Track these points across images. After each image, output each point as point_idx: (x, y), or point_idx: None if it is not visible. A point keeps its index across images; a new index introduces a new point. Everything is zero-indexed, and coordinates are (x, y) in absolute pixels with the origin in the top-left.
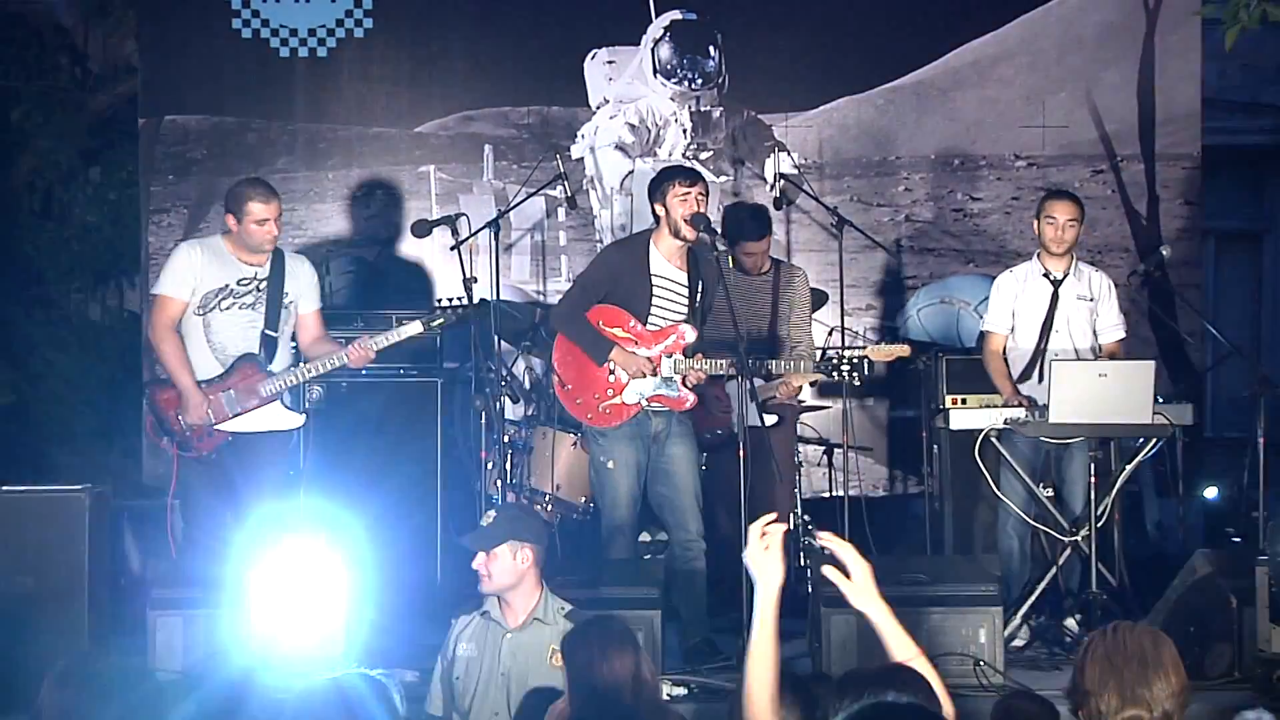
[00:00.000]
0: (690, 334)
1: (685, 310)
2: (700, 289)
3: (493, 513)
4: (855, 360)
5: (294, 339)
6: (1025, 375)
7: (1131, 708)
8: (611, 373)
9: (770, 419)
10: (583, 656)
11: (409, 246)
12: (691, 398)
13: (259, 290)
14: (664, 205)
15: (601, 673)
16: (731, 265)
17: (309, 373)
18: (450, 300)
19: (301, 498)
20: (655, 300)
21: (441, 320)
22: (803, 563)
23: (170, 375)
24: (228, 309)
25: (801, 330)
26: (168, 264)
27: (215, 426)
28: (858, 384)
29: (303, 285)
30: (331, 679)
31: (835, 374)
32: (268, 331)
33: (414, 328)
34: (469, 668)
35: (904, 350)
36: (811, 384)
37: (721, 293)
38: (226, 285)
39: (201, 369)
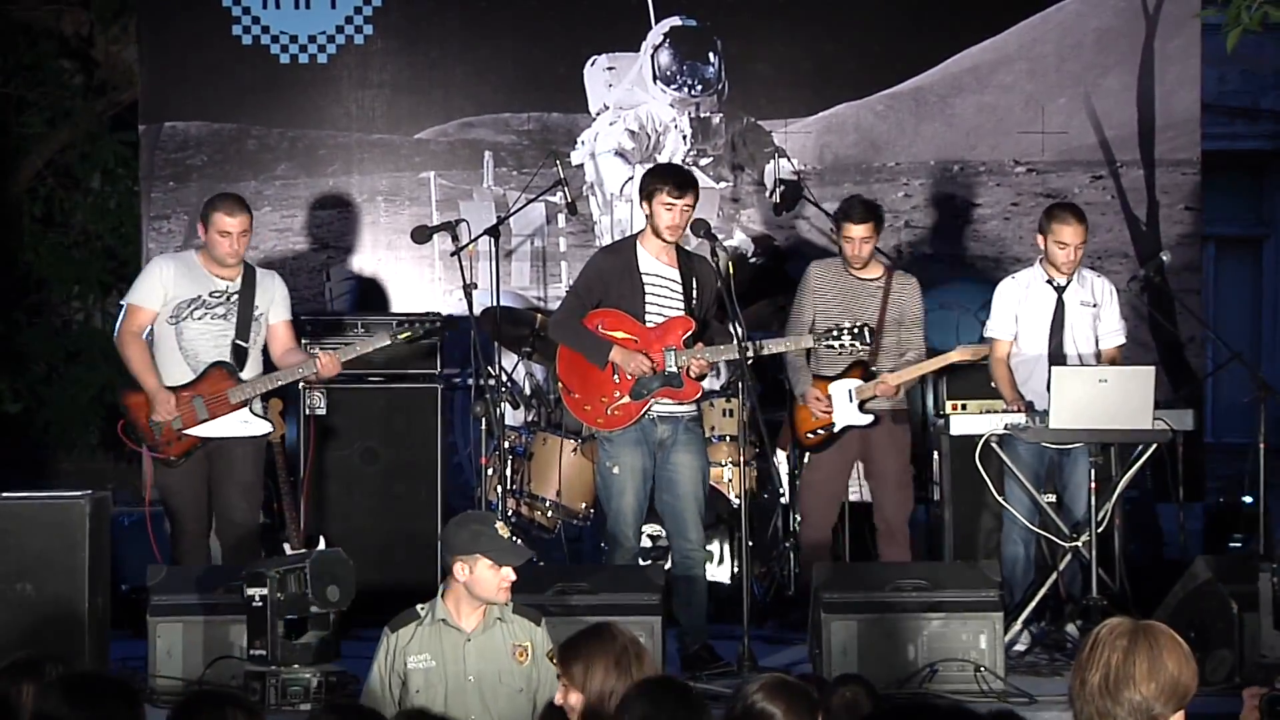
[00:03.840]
0: (689, 326)
1: (681, 305)
2: (695, 285)
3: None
4: (855, 329)
5: (265, 351)
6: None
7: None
8: (615, 374)
9: (866, 418)
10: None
11: (409, 253)
12: (697, 388)
13: (230, 302)
14: (650, 206)
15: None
16: (843, 267)
17: (278, 380)
18: (423, 316)
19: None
20: (649, 298)
21: (409, 334)
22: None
23: (136, 377)
24: (200, 319)
25: (912, 336)
26: (141, 275)
27: (185, 431)
28: (862, 348)
29: (273, 298)
30: None
31: (837, 344)
32: (238, 341)
33: (381, 339)
34: (429, 678)
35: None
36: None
37: (720, 292)
38: (199, 297)
39: (173, 375)
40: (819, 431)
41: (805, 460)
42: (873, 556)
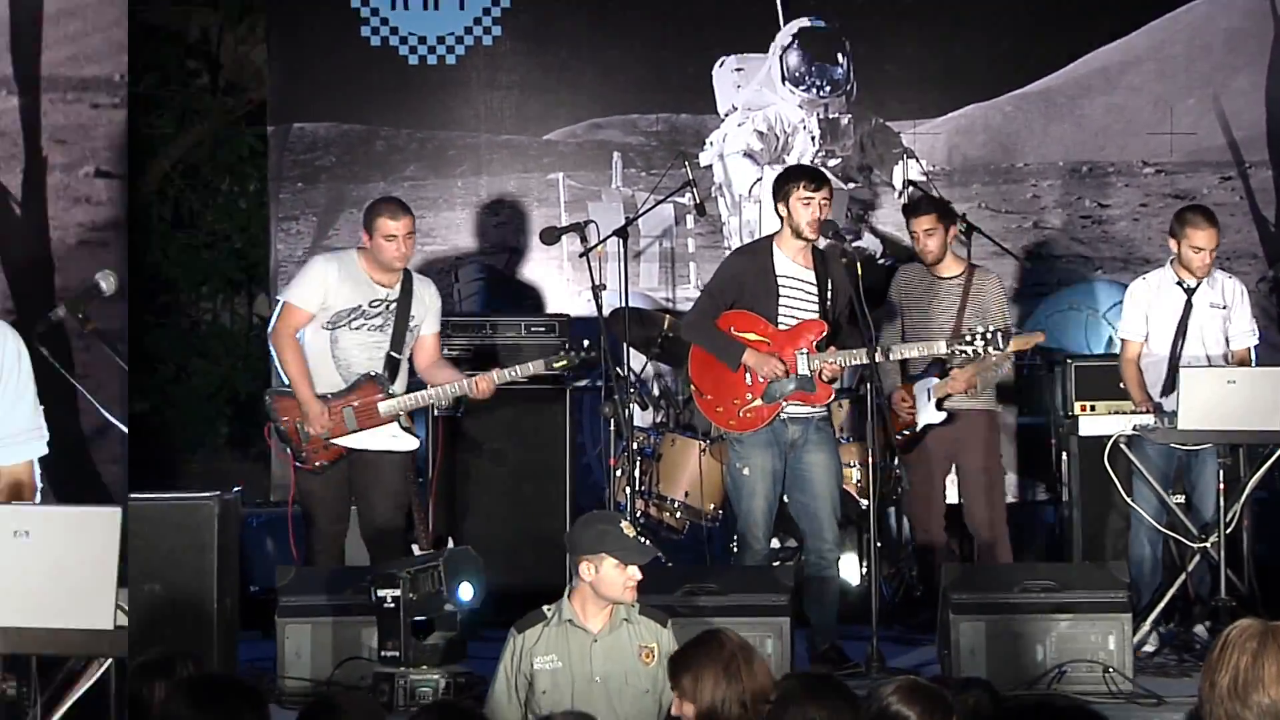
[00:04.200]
0: (822, 329)
1: (815, 308)
2: (830, 287)
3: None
4: (989, 334)
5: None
6: (1166, 389)
7: None
8: (747, 376)
9: (940, 416)
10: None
11: (538, 254)
12: (829, 391)
13: (388, 311)
14: (786, 206)
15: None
16: (926, 268)
17: (430, 398)
18: (579, 346)
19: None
20: (783, 301)
21: (565, 362)
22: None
23: (291, 384)
24: (357, 328)
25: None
26: (302, 273)
27: (332, 441)
28: (994, 354)
29: (427, 308)
30: None
31: (970, 349)
32: (392, 353)
33: (537, 366)
34: (556, 679)
35: (1039, 337)
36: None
37: (851, 294)
38: (359, 306)
39: (325, 383)
40: (905, 433)
41: (896, 463)
42: None
